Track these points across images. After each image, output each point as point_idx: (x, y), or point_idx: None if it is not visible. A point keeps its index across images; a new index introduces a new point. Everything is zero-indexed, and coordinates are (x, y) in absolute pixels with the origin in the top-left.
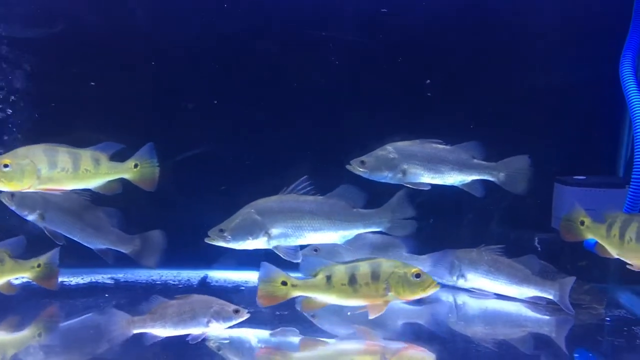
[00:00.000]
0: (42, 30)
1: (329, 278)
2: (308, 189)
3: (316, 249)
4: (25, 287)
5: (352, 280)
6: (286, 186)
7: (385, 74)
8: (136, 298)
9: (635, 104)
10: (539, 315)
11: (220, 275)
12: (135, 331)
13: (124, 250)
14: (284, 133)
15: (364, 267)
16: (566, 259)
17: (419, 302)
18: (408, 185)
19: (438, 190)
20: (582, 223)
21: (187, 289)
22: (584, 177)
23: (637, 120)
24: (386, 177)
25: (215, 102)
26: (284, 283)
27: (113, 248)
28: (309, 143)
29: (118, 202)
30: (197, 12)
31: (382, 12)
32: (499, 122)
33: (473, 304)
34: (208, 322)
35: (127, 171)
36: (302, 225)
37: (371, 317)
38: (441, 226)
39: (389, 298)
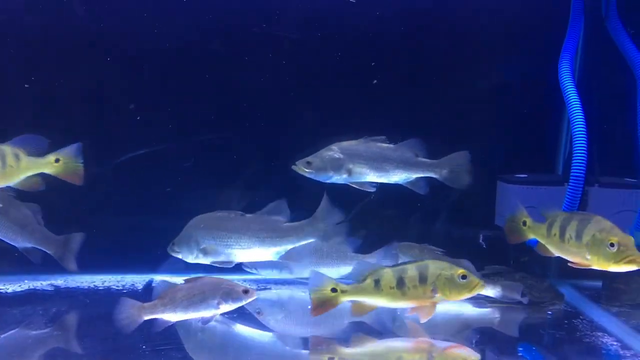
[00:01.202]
0: None
1: (377, 282)
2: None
3: None
4: None
5: (400, 283)
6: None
7: (330, 73)
8: (77, 305)
9: (574, 104)
10: (483, 311)
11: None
12: (146, 317)
13: (47, 250)
14: (231, 133)
15: (411, 270)
16: (509, 255)
17: None
18: (354, 186)
19: (384, 189)
20: (524, 223)
21: (130, 295)
22: (526, 175)
23: (575, 120)
24: (332, 177)
25: (132, 106)
26: (334, 290)
27: (38, 247)
28: (255, 143)
29: (60, 204)
30: (139, 8)
31: (340, 6)
32: (443, 122)
33: None
34: (218, 303)
35: (47, 166)
36: (231, 244)
37: (422, 320)
38: (388, 225)
39: (436, 300)
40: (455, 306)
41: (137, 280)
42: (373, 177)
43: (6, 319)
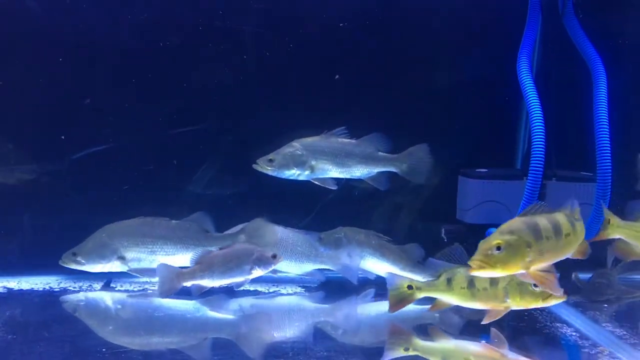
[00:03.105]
0: None
1: (449, 280)
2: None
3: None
4: None
5: (471, 284)
6: None
7: (289, 69)
8: (31, 307)
9: (532, 99)
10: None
11: (125, 279)
12: (185, 283)
13: None
14: (189, 131)
15: None
16: (471, 248)
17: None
18: (316, 182)
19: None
20: (411, 287)
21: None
22: (486, 170)
23: (534, 115)
24: (294, 174)
25: (88, 101)
26: (410, 287)
27: None
28: (214, 141)
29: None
30: (99, 3)
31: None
32: (405, 118)
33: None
34: (251, 269)
35: None
36: (155, 250)
37: (484, 322)
38: (351, 220)
39: (507, 305)
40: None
41: (94, 280)
42: (335, 172)
43: None
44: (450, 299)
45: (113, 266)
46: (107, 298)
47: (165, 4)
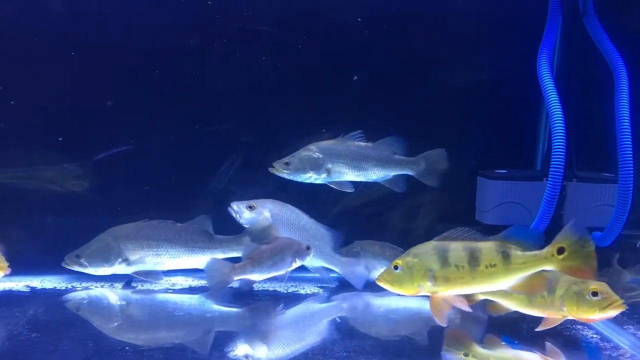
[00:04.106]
0: None
1: None
2: None
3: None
4: None
5: None
6: None
7: (306, 71)
8: (54, 306)
9: (552, 100)
10: None
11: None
12: (236, 278)
13: None
14: (205, 133)
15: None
16: None
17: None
18: (332, 186)
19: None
20: None
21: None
22: (505, 171)
23: (554, 115)
24: (310, 177)
25: (110, 103)
26: None
27: None
28: (230, 143)
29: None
30: (115, 5)
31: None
32: (423, 119)
33: (377, 302)
34: (292, 261)
35: None
36: (160, 253)
37: (539, 329)
38: (371, 222)
39: (564, 314)
40: (415, 302)
41: (115, 279)
42: (352, 176)
43: None
44: (508, 303)
45: (117, 269)
46: (127, 297)
47: (183, 7)
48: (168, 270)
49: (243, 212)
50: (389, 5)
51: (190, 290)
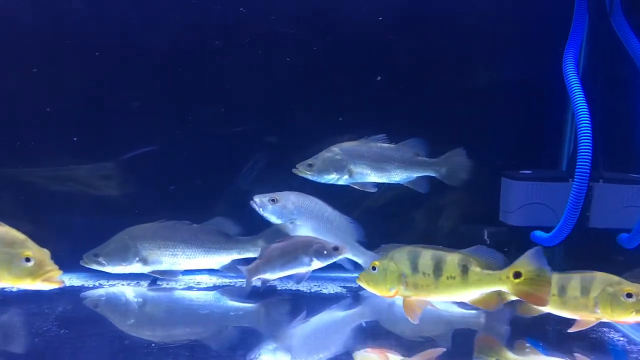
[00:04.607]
0: None
1: None
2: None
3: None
4: None
5: (562, 291)
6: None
7: (328, 72)
8: (82, 303)
9: (578, 99)
10: (465, 311)
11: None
12: (254, 278)
13: None
14: (230, 133)
15: (575, 280)
16: (513, 251)
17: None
18: (355, 187)
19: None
20: None
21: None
22: (530, 172)
23: (580, 115)
24: (333, 178)
25: (137, 103)
26: None
27: None
28: (252, 145)
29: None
30: (140, 7)
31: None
32: (448, 119)
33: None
34: (310, 260)
35: None
36: (176, 253)
37: (571, 330)
38: (393, 223)
39: (598, 316)
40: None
41: (140, 278)
42: (374, 177)
43: (12, 317)
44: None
45: (134, 268)
46: (153, 295)
47: (207, 8)
48: (192, 270)
49: (266, 206)
50: (411, 4)
51: (215, 288)
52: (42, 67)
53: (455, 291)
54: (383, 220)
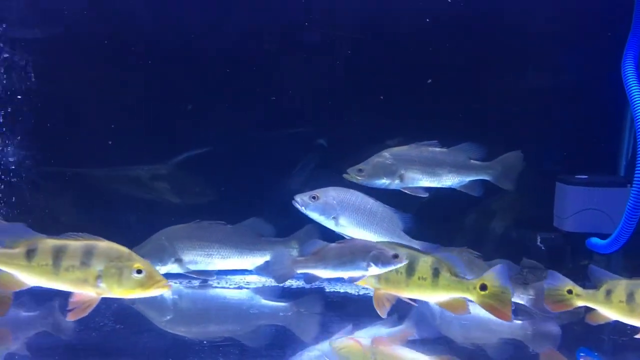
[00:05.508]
0: (37, 31)
1: (609, 292)
2: None
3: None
4: None
5: (631, 298)
6: None
7: (381, 75)
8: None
9: (638, 103)
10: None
11: (220, 276)
12: (299, 271)
13: None
14: (280, 136)
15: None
16: (568, 257)
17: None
18: (406, 192)
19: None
20: (570, 292)
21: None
22: (586, 177)
23: (639, 119)
24: (384, 183)
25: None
26: (570, 291)
27: None
28: (303, 149)
29: None
30: (195, 11)
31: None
32: (501, 123)
33: None
34: (367, 265)
35: None
36: (212, 253)
37: (639, 335)
38: (445, 227)
39: None
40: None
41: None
42: (426, 182)
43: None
44: (608, 312)
45: (170, 268)
46: (204, 294)
47: (262, 13)
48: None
49: (308, 204)
50: (467, 5)
51: (264, 288)
52: (105, 71)
53: (424, 292)
54: (435, 223)
